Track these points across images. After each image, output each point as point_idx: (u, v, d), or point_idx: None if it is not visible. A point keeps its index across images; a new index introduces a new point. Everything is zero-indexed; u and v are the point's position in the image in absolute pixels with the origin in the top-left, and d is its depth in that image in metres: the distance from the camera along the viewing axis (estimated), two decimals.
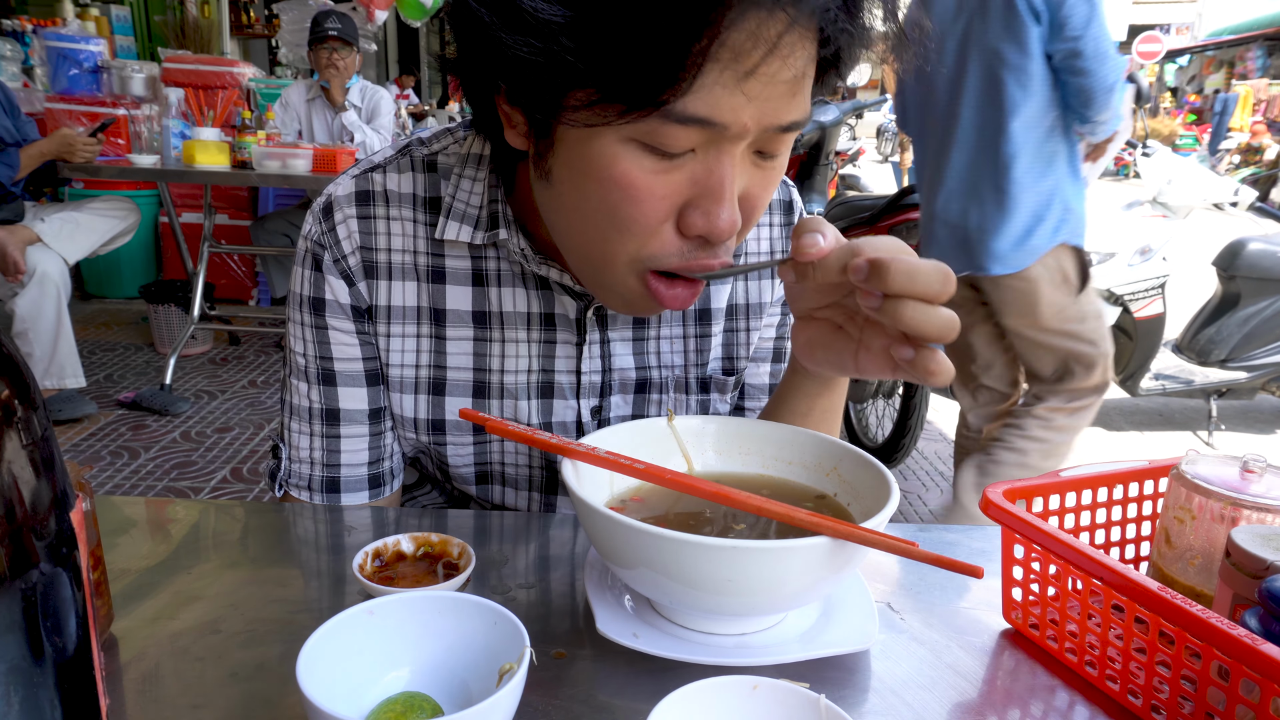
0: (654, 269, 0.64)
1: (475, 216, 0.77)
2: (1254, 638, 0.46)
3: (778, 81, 0.56)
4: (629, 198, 0.59)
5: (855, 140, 6.23)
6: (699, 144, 0.58)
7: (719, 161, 0.59)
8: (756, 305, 0.89)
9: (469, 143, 0.78)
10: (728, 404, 0.91)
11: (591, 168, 0.60)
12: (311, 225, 0.79)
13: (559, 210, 0.66)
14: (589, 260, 0.67)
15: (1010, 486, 0.64)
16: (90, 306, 4.95)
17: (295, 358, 0.81)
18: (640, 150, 0.58)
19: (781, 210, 0.90)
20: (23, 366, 0.28)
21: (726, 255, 0.64)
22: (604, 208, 0.61)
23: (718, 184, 0.59)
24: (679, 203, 0.61)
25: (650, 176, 0.59)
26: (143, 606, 0.63)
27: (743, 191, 0.62)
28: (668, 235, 0.62)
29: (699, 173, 0.59)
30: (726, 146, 0.58)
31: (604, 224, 0.62)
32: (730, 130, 0.56)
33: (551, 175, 0.64)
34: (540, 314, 0.80)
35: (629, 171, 0.58)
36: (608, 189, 0.60)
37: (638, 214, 0.60)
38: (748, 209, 0.63)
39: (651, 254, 0.63)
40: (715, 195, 0.59)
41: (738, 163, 0.60)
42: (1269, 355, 3.39)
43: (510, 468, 0.85)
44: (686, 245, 0.62)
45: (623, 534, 0.53)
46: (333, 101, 4.16)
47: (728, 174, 0.59)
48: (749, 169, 0.62)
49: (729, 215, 0.60)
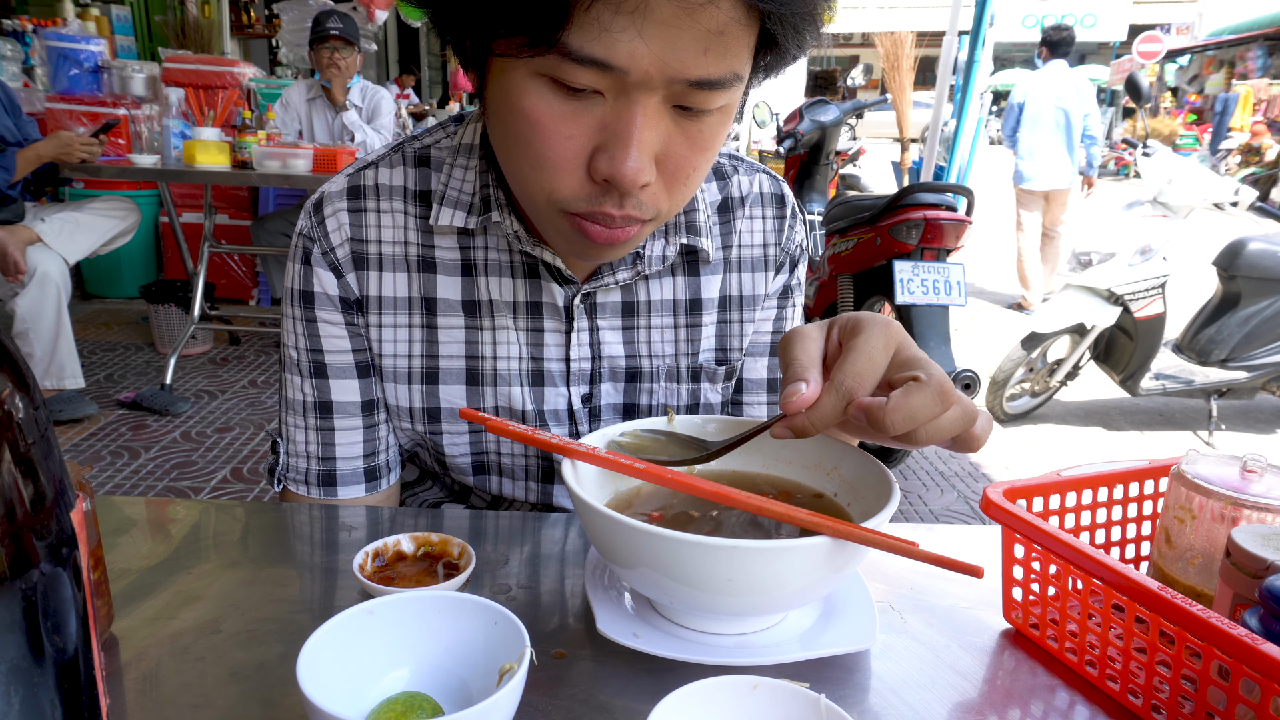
0: (567, 211, 0.64)
1: (468, 202, 0.77)
2: (1254, 637, 0.46)
3: (682, 30, 0.55)
4: (537, 133, 0.60)
5: (855, 140, 6.21)
6: (605, 88, 0.58)
7: (627, 108, 0.59)
8: (750, 297, 0.89)
9: (460, 134, 0.80)
10: (720, 394, 0.91)
11: (508, 100, 0.61)
12: (303, 221, 0.80)
13: (495, 146, 0.68)
14: (523, 199, 0.68)
15: (1010, 486, 0.64)
16: (90, 306, 4.95)
17: (288, 351, 0.82)
18: (548, 87, 0.59)
19: (774, 204, 0.89)
20: (23, 366, 0.28)
21: (639, 210, 0.64)
22: (519, 141, 0.62)
23: (624, 129, 0.59)
24: (588, 146, 0.61)
25: (557, 114, 0.60)
26: (143, 606, 0.63)
27: (662, 149, 0.61)
28: (578, 178, 0.62)
29: (607, 117, 0.59)
30: (634, 95, 0.58)
31: (520, 158, 0.64)
32: (630, 75, 0.56)
33: (487, 109, 0.66)
34: (528, 302, 0.81)
35: (535, 105, 0.60)
36: (520, 122, 0.61)
37: (545, 149, 0.61)
38: (670, 168, 0.63)
39: (562, 196, 0.63)
40: (622, 140, 0.59)
41: (650, 114, 0.59)
42: (1269, 355, 3.39)
43: (507, 457, 0.85)
44: (596, 191, 0.62)
45: (623, 534, 0.53)
46: (333, 101, 4.16)
47: (635, 121, 0.59)
48: (667, 124, 0.61)
49: (634, 163, 0.59)
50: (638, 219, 0.64)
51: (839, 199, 3.71)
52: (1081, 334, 3.56)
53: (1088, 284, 3.46)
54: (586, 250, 0.68)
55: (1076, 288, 3.50)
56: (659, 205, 0.65)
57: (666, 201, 0.65)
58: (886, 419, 0.52)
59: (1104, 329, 3.51)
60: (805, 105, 4.27)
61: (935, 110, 4.61)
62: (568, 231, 0.66)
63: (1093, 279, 3.43)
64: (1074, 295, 3.49)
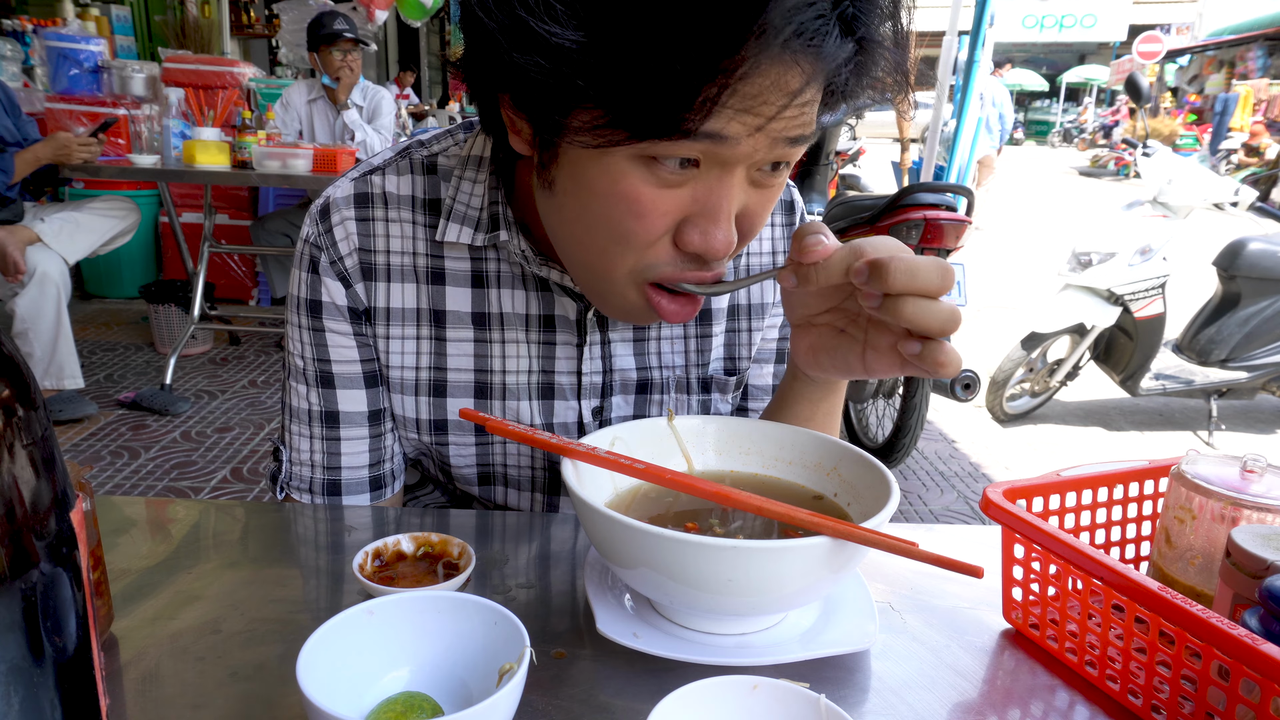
0: (649, 279, 0.64)
1: (476, 218, 0.76)
2: (1254, 637, 0.46)
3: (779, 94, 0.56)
4: (632, 213, 0.60)
5: (855, 140, 6.21)
6: (702, 154, 0.58)
7: (720, 181, 0.59)
8: (759, 306, 0.89)
9: (469, 145, 0.78)
10: (729, 404, 0.91)
11: (596, 183, 0.60)
12: (309, 228, 0.79)
13: (560, 220, 0.66)
14: (589, 270, 0.67)
15: (1010, 486, 0.64)
16: (90, 306, 4.95)
17: (294, 360, 0.81)
18: (645, 166, 0.58)
19: (783, 211, 0.90)
20: (23, 366, 0.28)
21: (721, 269, 0.65)
22: (606, 222, 0.61)
23: (716, 204, 0.59)
24: (678, 217, 0.61)
25: (655, 191, 0.59)
26: (143, 606, 0.63)
27: (742, 209, 0.62)
28: (664, 247, 0.62)
29: (699, 191, 0.60)
30: (732, 166, 0.59)
31: (604, 237, 0.62)
32: (741, 145, 0.57)
33: (554, 186, 0.64)
34: (540, 315, 0.80)
35: (635, 187, 0.59)
36: (612, 205, 0.60)
37: (639, 228, 0.60)
38: (745, 225, 0.64)
39: (648, 264, 0.63)
40: (713, 215, 0.59)
41: (740, 184, 0.60)
42: (1269, 355, 3.39)
43: (513, 469, 0.85)
44: (682, 258, 0.63)
45: (623, 534, 0.53)
46: (336, 101, 4.16)
47: (727, 194, 0.59)
48: (749, 188, 0.62)
49: (725, 236, 0.60)
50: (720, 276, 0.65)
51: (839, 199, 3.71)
52: (1081, 334, 3.56)
53: (1088, 284, 3.46)
54: (641, 320, 0.69)
55: (1076, 288, 3.50)
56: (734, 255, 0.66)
57: (737, 251, 0.66)
58: (889, 268, 0.54)
59: (1104, 329, 3.51)
60: None
61: (935, 110, 4.60)
62: (635, 303, 0.66)
63: (1093, 279, 3.43)
64: (1074, 295, 3.49)
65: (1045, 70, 29.97)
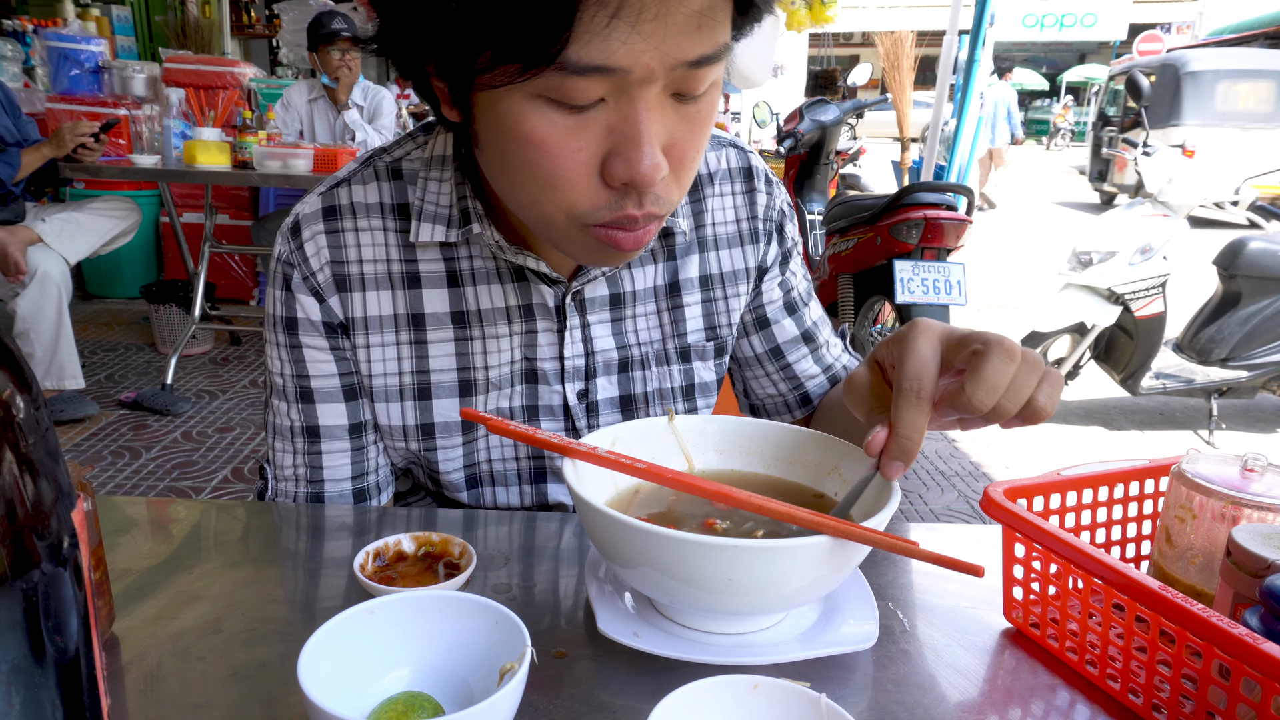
0: (589, 224, 0.63)
1: (447, 216, 0.77)
2: (1255, 636, 0.46)
3: (676, 16, 0.54)
4: (544, 154, 0.59)
5: (855, 140, 6.21)
6: (606, 93, 0.57)
7: (631, 107, 0.58)
8: (731, 274, 0.89)
9: (431, 145, 0.78)
10: (713, 371, 0.91)
11: (505, 128, 0.60)
12: (280, 246, 0.79)
13: (494, 175, 0.67)
14: (536, 220, 0.66)
15: (1011, 485, 0.64)
16: (91, 306, 4.95)
17: (274, 377, 0.82)
18: (548, 106, 0.58)
19: (741, 178, 0.89)
20: (24, 366, 0.28)
21: (657, 206, 0.63)
22: (525, 166, 0.61)
23: (633, 129, 0.58)
24: (598, 154, 0.60)
25: (561, 131, 0.58)
26: (144, 606, 0.63)
27: (667, 139, 0.60)
28: (594, 189, 0.61)
29: (613, 121, 0.58)
30: (636, 91, 0.57)
31: (529, 182, 0.62)
32: (633, 74, 0.55)
33: (480, 141, 0.65)
34: (519, 306, 0.81)
35: (538, 128, 0.58)
36: (523, 147, 0.60)
37: (556, 169, 0.60)
38: (676, 156, 0.62)
39: (582, 210, 0.62)
40: (633, 140, 0.58)
41: (653, 107, 0.58)
42: (1269, 354, 3.39)
43: (498, 463, 0.85)
44: (615, 196, 0.62)
45: (624, 533, 0.53)
46: (336, 101, 4.16)
47: (642, 118, 0.58)
48: (669, 114, 0.60)
49: (650, 159, 0.58)
50: (656, 215, 0.64)
51: (839, 198, 3.71)
52: (1082, 333, 3.56)
53: (1088, 283, 3.46)
54: (610, 258, 0.68)
55: (1077, 287, 3.50)
56: (671, 196, 0.64)
57: (676, 190, 0.65)
58: (970, 396, 0.53)
59: (1104, 328, 3.51)
60: (805, 105, 4.28)
61: (935, 110, 4.61)
62: (591, 244, 0.65)
63: (1093, 278, 3.43)
64: (1074, 295, 3.49)
65: (1045, 70, 29.96)
